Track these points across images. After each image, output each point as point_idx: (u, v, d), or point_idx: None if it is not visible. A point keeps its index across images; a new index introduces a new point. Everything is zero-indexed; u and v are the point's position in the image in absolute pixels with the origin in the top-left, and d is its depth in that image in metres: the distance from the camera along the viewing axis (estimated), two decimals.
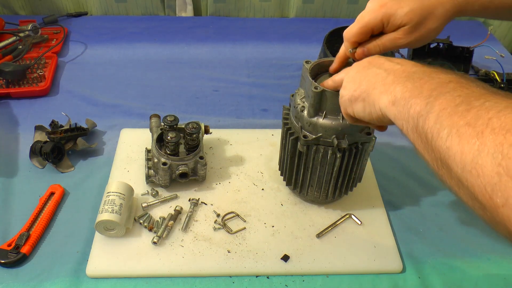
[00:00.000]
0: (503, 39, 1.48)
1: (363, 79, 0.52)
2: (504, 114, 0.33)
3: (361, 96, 0.52)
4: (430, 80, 0.43)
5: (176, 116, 0.85)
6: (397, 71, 0.48)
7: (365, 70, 0.53)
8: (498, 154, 0.31)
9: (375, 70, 0.51)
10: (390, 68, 0.50)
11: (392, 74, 0.48)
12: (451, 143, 0.36)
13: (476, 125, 0.34)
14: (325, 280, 0.73)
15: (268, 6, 1.43)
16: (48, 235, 0.78)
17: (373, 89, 0.50)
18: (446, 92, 0.40)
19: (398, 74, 0.47)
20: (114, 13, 1.42)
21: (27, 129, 0.97)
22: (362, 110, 0.53)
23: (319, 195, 0.79)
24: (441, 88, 0.41)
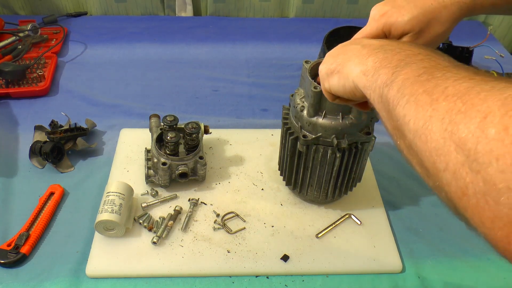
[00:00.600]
0: (503, 39, 1.48)
1: (340, 53, 0.52)
2: (459, 82, 0.34)
3: (336, 69, 0.52)
4: (401, 51, 0.44)
5: (175, 116, 0.85)
6: (373, 45, 0.49)
7: (345, 47, 0.53)
8: (446, 119, 0.32)
9: (354, 46, 0.51)
10: (367, 43, 0.50)
11: (367, 47, 0.49)
12: (408, 111, 0.37)
13: (433, 93, 0.35)
14: (325, 280, 0.73)
15: (268, 6, 1.43)
16: (47, 235, 0.78)
17: (348, 61, 0.50)
18: (412, 63, 0.40)
19: (373, 48, 0.48)
20: (113, 13, 1.42)
21: (27, 129, 0.97)
22: (337, 83, 0.52)
23: (318, 195, 0.79)
24: (408, 59, 0.41)
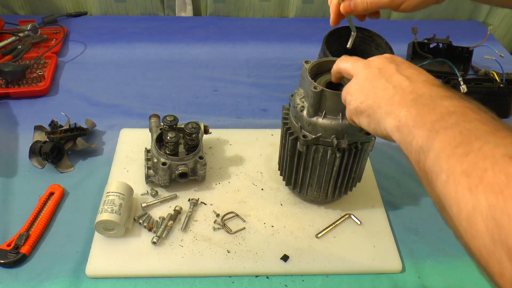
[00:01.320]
0: (503, 39, 1.48)
1: (370, 91, 0.51)
2: (499, 167, 0.33)
3: (366, 112, 0.51)
4: (435, 108, 0.42)
5: (175, 116, 0.85)
6: (405, 90, 0.47)
7: (374, 81, 0.51)
8: (491, 220, 0.31)
9: (384, 84, 0.50)
10: (398, 84, 0.48)
11: (399, 93, 0.47)
12: (449, 192, 0.36)
13: (472, 176, 0.34)
14: (325, 280, 0.73)
15: (267, 6, 1.43)
16: (47, 235, 0.78)
17: (379, 107, 0.49)
18: (447, 127, 0.39)
19: (405, 95, 0.47)
20: (113, 13, 1.42)
21: (27, 129, 0.97)
22: (367, 125, 0.52)
23: (318, 195, 0.79)
24: (443, 121, 0.40)
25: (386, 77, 0.50)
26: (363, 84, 0.53)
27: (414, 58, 1.19)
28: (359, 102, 0.52)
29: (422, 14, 1.46)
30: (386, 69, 0.51)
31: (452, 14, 1.47)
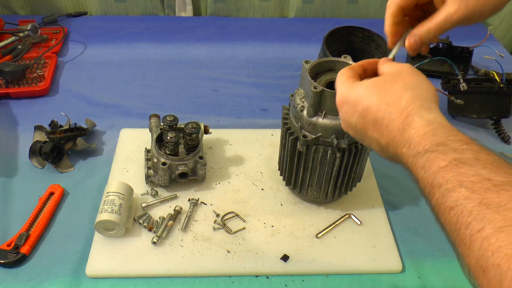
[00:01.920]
0: (503, 39, 1.48)
1: (358, 128, 0.52)
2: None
3: (361, 140, 0.55)
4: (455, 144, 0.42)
5: (175, 116, 0.85)
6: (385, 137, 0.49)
7: (358, 123, 0.52)
8: None
9: (365, 128, 0.52)
10: (377, 128, 0.50)
11: (384, 137, 0.49)
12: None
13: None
14: (325, 280, 0.73)
15: (267, 6, 1.43)
16: (47, 235, 0.78)
17: (370, 144, 0.52)
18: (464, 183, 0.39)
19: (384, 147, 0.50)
20: (113, 13, 1.42)
21: (27, 129, 0.97)
22: (368, 146, 0.54)
23: (318, 195, 0.79)
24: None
25: (366, 110, 0.50)
26: (350, 121, 0.53)
27: (414, 58, 1.19)
28: (351, 130, 0.54)
29: None
30: (365, 106, 0.50)
31: None
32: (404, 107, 0.46)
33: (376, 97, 0.49)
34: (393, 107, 0.47)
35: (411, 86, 0.48)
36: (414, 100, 0.47)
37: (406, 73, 0.50)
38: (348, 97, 0.51)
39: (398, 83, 0.49)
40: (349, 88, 0.52)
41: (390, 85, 0.49)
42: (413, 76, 0.50)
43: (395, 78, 0.50)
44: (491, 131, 1.04)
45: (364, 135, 0.51)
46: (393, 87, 0.48)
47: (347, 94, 0.52)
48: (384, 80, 0.50)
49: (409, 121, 0.46)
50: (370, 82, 0.51)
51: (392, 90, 0.48)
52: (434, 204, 0.42)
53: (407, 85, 0.48)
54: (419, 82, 0.49)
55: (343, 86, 0.53)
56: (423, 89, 0.48)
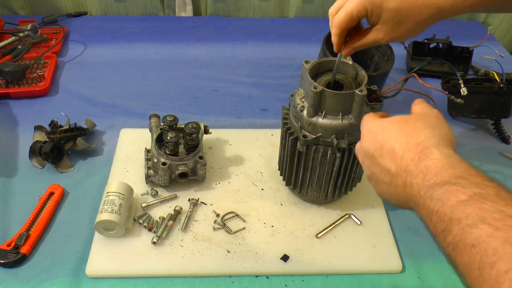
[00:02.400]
0: (503, 39, 1.48)
1: (373, 170, 0.54)
2: None
3: (373, 185, 0.56)
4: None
5: (175, 116, 0.85)
6: (394, 186, 0.50)
7: (373, 166, 0.54)
8: None
9: (379, 171, 0.53)
10: (385, 174, 0.51)
11: (393, 185, 0.51)
12: None
13: None
14: (325, 280, 0.73)
15: (267, 6, 1.43)
16: (47, 235, 0.78)
17: (380, 193, 0.55)
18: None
19: (395, 195, 0.51)
20: (113, 13, 1.42)
21: (27, 129, 0.97)
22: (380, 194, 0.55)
23: (318, 195, 0.79)
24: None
25: (377, 156, 0.53)
26: (366, 160, 0.55)
27: (414, 59, 1.19)
28: (368, 170, 0.55)
29: None
30: (371, 153, 0.54)
31: None
32: (421, 141, 0.48)
33: (398, 128, 0.51)
34: (411, 138, 0.49)
35: (432, 126, 0.51)
36: (433, 136, 0.49)
37: (432, 115, 0.54)
38: (373, 126, 0.55)
39: (421, 121, 0.52)
40: (377, 121, 0.55)
41: (413, 121, 0.52)
42: (437, 119, 0.53)
43: (420, 117, 0.53)
44: (491, 131, 1.04)
45: (377, 164, 0.52)
46: (416, 123, 0.51)
47: (374, 125, 0.55)
48: (409, 117, 0.53)
49: (426, 153, 0.46)
50: (396, 117, 0.54)
51: (414, 125, 0.51)
52: (450, 240, 0.39)
53: (428, 123, 0.51)
54: (440, 125, 0.52)
55: (371, 119, 0.56)
56: (443, 131, 0.51)
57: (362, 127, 0.57)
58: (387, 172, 0.50)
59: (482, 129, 1.05)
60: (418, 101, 0.59)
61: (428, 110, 0.55)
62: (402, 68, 1.23)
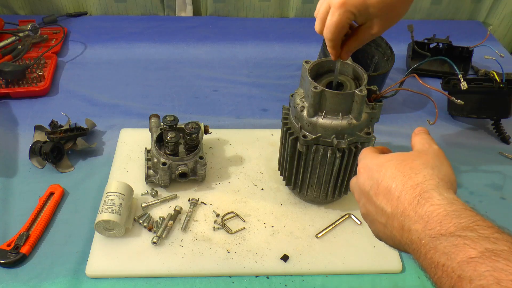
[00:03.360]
0: (503, 39, 1.48)
1: (368, 209, 0.51)
2: None
3: (369, 226, 0.53)
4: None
5: (175, 116, 0.85)
6: (391, 232, 0.47)
7: (368, 205, 0.51)
8: None
9: (376, 212, 0.50)
10: (382, 213, 0.48)
11: (388, 230, 0.48)
12: None
13: None
14: (325, 280, 0.73)
15: (267, 6, 1.43)
16: (47, 235, 0.78)
17: (377, 234, 0.51)
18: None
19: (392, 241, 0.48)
20: (113, 13, 1.42)
21: (27, 129, 0.97)
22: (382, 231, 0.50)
23: (318, 195, 0.79)
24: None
25: (375, 196, 0.50)
26: (361, 199, 0.53)
27: (413, 58, 1.19)
28: (364, 210, 0.53)
29: (422, 14, 1.46)
30: (369, 195, 0.51)
31: (452, 14, 1.47)
32: (420, 182, 0.45)
33: (395, 167, 0.48)
34: (408, 179, 0.46)
35: (431, 165, 0.48)
36: (432, 177, 0.46)
37: (432, 153, 0.51)
38: (370, 163, 0.52)
39: (420, 160, 0.49)
40: (374, 157, 0.53)
41: (411, 160, 0.49)
42: (437, 158, 0.50)
43: (419, 155, 0.50)
44: (491, 131, 1.04)
45: (372, 203, 0.50)
46: (414, 162, 0.48)
47: (371, 162, 0.52)
48: (407, 155, 0.51)
49: (426, 196, 0.43)
50: (394, 154, 0.52)
51: (412, 164, 0.48)
52: None
53: (427, 163, 0.48)
54: (441, 164, 0.49)
55: (368, 155, 0.54)
56: (443, 171, 0.48)
57: (359, 162, 0.55)
58: (383, 213, 0.48)
59: (482, 129, 1.05)
60: (418, 130, 0.56)
61: (428, 147, 0.52)
62: (402, 68, 1.23)
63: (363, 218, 0.54)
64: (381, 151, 0.57)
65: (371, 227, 0.52)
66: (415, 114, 1.09)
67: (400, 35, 1.20)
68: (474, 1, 1.44)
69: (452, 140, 1.01)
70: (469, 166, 0.95)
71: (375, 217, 0.49)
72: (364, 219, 0.54)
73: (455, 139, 1.02)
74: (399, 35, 1.17)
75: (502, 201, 0.88)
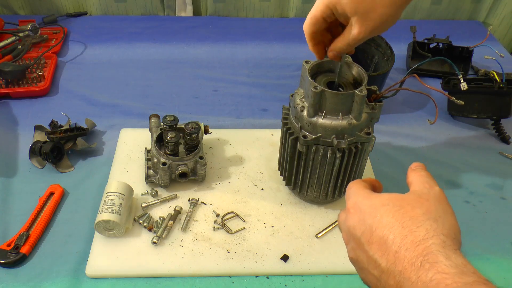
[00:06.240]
0: (503, 39, 1.48)
1: (358, 259, 0.47)
2: None
3: (358, 272, 0.48)
4: None
5: (175, 116, 0.85)
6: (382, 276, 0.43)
7: (357, 255, 0.47)
8: None
9: (366, 262, 0.45)
10: (375, 267, 0.44)
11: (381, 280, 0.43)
12: None
13: None
14: (325, 280, 0.73)
15: (267, 6, 1.43)
16: (47, 235, 0.78)
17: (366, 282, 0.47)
18: None
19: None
20: (113, 13, 1.42)
21: (27, 129, 0.97)
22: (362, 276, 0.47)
23: (318, 195, 0.79)
24: None
25: (364, 252, 0.45)
26: (351, 251, 0.49)
27: (414, 58, 1.19)
28: (352, 260, 0.49)
29: (422, 14, 1.46)
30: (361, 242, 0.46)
31: (452, 14, 1.47)
32: (422, 238, 0.40)
33: (392, 214, 0.43)
34: (409, 232, 0.41)
35: (434, 216, 0.42)
36: (435, 234, 0.40)
37: (433, 198, 0.45)
38: (362, 204, 0.47)
39: (421, 208, 0.43)
40: (366, 196, 0.48)
41: (411, 207, 0.43)
42: (440, 205, 0.44)
43: (419, 201, 0.44)
44: (491, 131, 1.04)
45: (364, 251, 0.45)
46: (413, 210, 0.43)
47: (362, 201, 0.47)
48: (405, 199, 0.45)
49: (430, 260, 0.38)
50: (390, 196, 0.46)
51: (411, 213, 0.43)
52: None
53: (430, 212, 0.43)
54: (444, 214, 0.43)
55: (359, 192, 0.49)
56: (448, 224, 0.42)
57: (348, 199, 0.50)
58: (376, 265, 0.43)
59: (482, 129, 1.05)
60: (415, 166, 0.51)
61: (429, 189, 0.46)
62: (402, 68, 1.23)
63: (350, 262, 0.49)
64: (371, 184, 0.52)
65: (360, 274, 0.47)
66: (415, 114, 1.09)
67: (400, 35, 1.20)
68: (474, 1, 1.44)
69: (452, 140, 1.01)
70: (469, 166, 0.95)
71: (366, 267, 0.45)
72: (351, 263, 0.49)
73: (455, 139, 1.02)
74: (399, 35, 1.17)
75: (502, 201, 0.88)
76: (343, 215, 0.50)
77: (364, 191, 0.49)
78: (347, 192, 0.51)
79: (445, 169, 0.94)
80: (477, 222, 0.84)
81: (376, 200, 0.46)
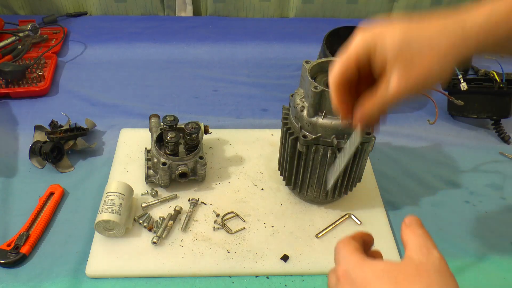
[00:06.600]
0: None
1: None
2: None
3: None
4: None
5: (175, 116, 0.85)
6: None
7: None
8: None
9: None
10: None
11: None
12: None
13: None
14: (325, 280, 0.73)
15: (267, 6, 1.43)
16: (47, 235, 0.78)
17: None
18: None
19: None
20: (113, 13, 1.42)
21: (27, 129, 0.97)
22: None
23: (318, 195, 0.79)
24: None
25: None
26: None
27: None
28: None
29: None
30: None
31: None
32: None
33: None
34: None
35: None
36: None
37: (433, 270, 0.40)
38: (354, 273, 0.42)
39: (419, 284, 0.39)
40: (358, 264, 0.43)
41: (407, 282, 0.39)
42: (441, 277, 0.39)
43: (417, 275, 0.39)
44: (491, 131, 1.04)
45: None
46: (412, 286, 0.39)
47: (353, 270, 0.42)
48: (402, 271, 0.40)
49: None
50: (384, 266, 0.41)
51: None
52: None
53: (429, 286, 0.39)
54: (444, 285, 0.39)
55: (350, 258, 0.44)
56: None
57: (338, 264, 0.44)
58: None
59: (482, 129, 1.05)
60: (410, 221, 0.45)
61: (427, 255, 0.41)
62: None
63: None
64: (361, 240, 0.47)
65: None
66: (415, 114, 1.09)
67: None
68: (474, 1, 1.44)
69: (452, 140, 1.01)
70: (469, 166, 0.95)
71: None
72: None
73: (455, 139, 1.02)
74: None
75: (502, 201, 0.88)
76: (333, 278, 0.45)
77: (355, 257, 0.43)
78: (336, 255, 0.45)
79: (445, 169, 0.94)
80: (477, 222, 0.84)
81: (369, 271, 0.41)
